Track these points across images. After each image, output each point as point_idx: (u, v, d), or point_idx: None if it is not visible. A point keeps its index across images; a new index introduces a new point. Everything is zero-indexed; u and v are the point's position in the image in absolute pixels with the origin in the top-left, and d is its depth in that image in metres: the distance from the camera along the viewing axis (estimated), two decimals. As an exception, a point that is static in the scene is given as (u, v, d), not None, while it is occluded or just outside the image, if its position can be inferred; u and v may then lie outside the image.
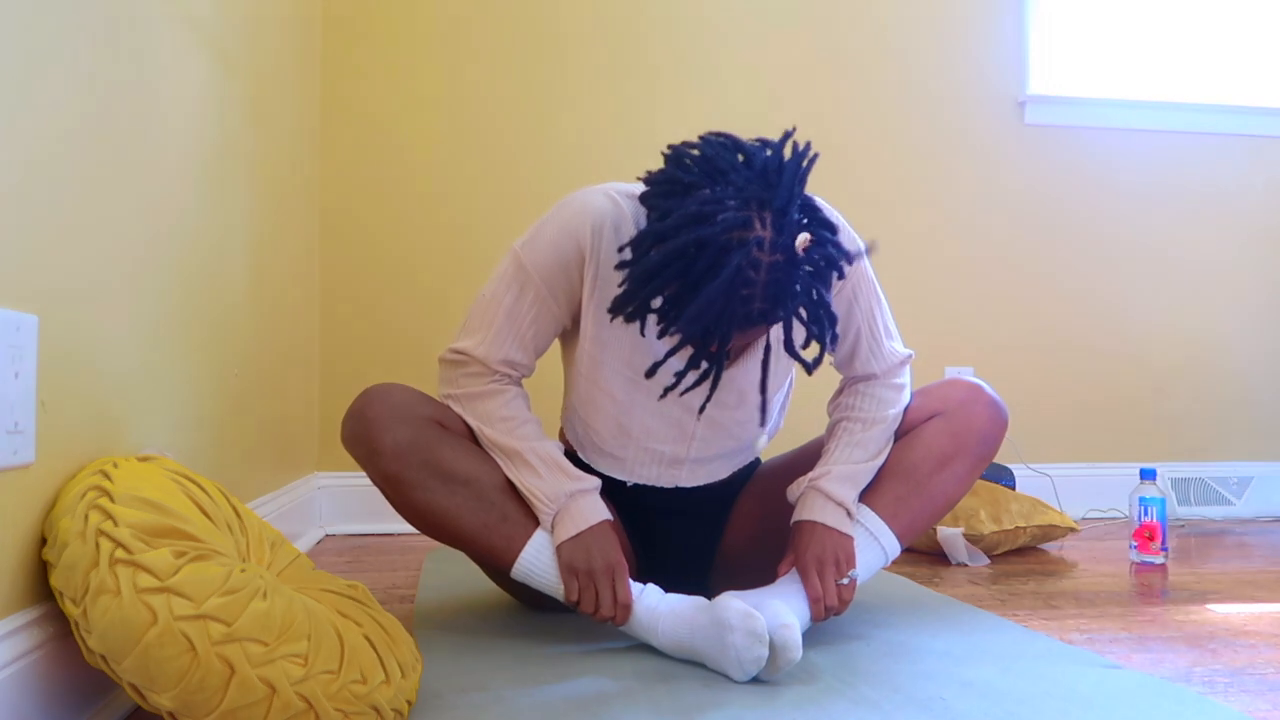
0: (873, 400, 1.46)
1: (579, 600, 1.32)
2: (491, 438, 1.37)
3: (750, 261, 1.09)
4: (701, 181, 1.16)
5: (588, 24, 2.59)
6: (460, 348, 1.40)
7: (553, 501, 1.34)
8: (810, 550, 1.36)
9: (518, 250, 1.37)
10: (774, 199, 1.12)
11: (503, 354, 1.38)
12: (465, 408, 1.39)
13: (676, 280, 1.12)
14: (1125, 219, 2.79)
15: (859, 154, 2.69)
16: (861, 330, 1.45)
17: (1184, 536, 2.42)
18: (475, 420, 1.38)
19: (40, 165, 0.93)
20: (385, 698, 0.97)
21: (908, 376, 1.50)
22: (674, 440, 1.45)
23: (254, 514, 1.17)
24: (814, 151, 1.19)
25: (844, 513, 1.39)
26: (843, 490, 1.39)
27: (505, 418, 1.38)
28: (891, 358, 1.48)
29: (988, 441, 1.45)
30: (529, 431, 1.38)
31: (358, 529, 2.40)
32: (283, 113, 2.04)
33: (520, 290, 1.37)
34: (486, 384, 1.39)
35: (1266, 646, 1.38)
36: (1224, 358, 2.83)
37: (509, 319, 1.38)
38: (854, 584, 1.37)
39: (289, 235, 2.09)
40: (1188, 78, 2.86)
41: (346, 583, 1.18)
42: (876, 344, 1.46)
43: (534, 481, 1.35)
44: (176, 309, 1.34)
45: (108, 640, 0.86)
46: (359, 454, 1.35)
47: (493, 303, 1.38)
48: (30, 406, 0.90)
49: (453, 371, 1.41)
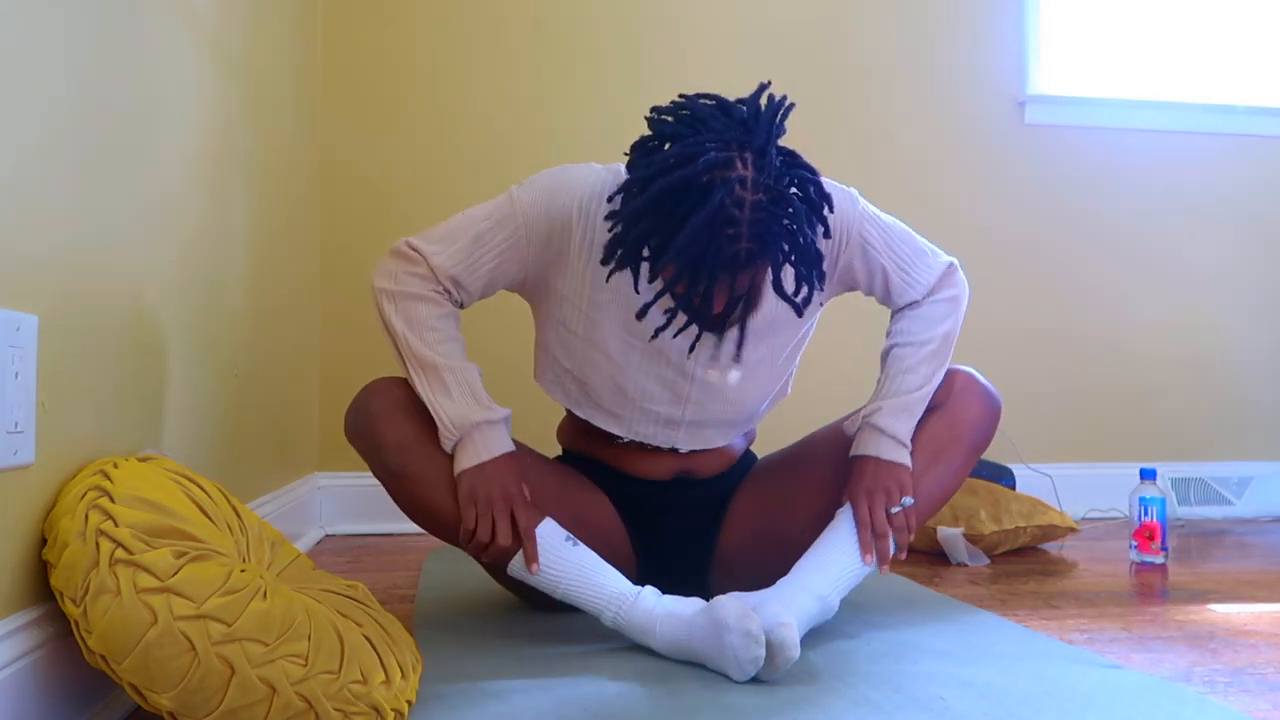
0: (920, 320, 1.46)
1: (475, 530, 1.31)
2: (414, 347, 1.34)
3: (733, 199, 1.13)
4: (682, 131, 1.19)
5: (589, 25, 2.59)
6: (417, 245, 1.37)
7: (457, 428, 1.33)
8: (862, 484, 1.38)
9: (513, 190, 1.38)
10: (753, 140, 1.16)
11: (455, 271, 1.36)
12: (397, 306, 1.36)
13: (663, 220, 1.15)
14: (1125, 219, 2.79)
15: (859, 154, 2.69)
16: (886, 268, 1.44)
17: (1184, 536, 2.42)
18: (402, 323, 1.35)
19: (40, 165, 0.93)
20: (385, 698, 0.97)
21: (958, 285, 1.48)
22: (669, 402, 1.45)
23: (254, 514, 1.17)
24: (790, 101, 1.23)
25: (898, 445, 1.40)
26: (896, 423, 1.40)
27: (434, 328, 1.36)
28: (928, 277, 1.46)
29: (981, 431, 1.46)
30: (452, 350, 1.36)
31: (358, 529, 2.40)
32: (283, 113, 2.04)
33: (498, 223, 1.36)
34: (428, 289, 1.36)
35: (1266, 646, 1.38)
36: (1224, 358, 2.83)
37: (476, 243, 1.36)
38: (910, 513, 1.38)
39: (289, 235, 2.09)
40: (1188, 78, 2.86)
41: (346, 583, 1.18)
42: (906, 273, 1.45)
43: (444, 402, 1.33)
44: (177, 309, 1.34)
45: (108, 640, 0.86)
46: (363, 448, 1.36)
47: (467, 223, 1.38)
48: (30, 406, 0.90)
49: (397, 265, 1.37)
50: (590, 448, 1.56)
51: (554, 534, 1.34)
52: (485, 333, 2.47)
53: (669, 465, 1.53)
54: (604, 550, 1.45)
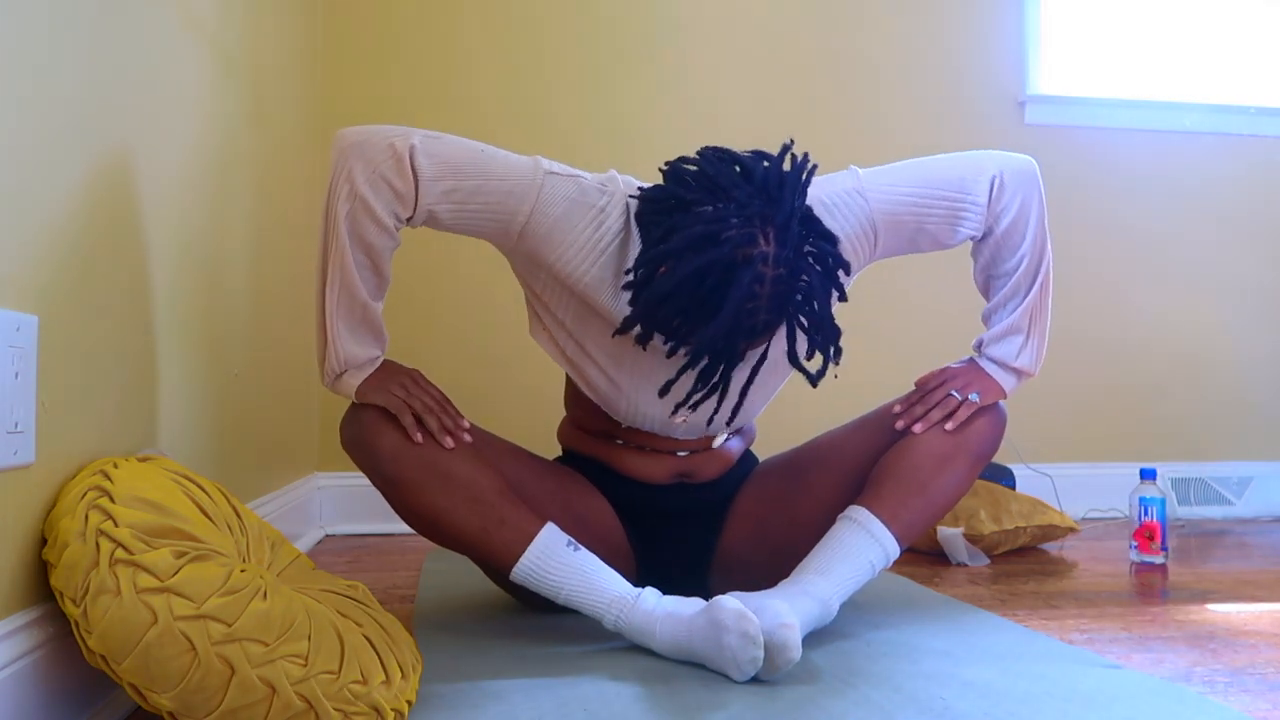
0: (995, 247, 1.47)
1: (416, 416, 1.33)
2: (345, 262, 1.28)
3: (756, 277, 1.11)
4: (703, 199, 1.17)
5: (591, 25, 2.59)
6: (419, 167, 1.25)
7: (348, 363, 1.34)
8: (946, 372, 1.46)
9: (543, 174, 1.31)
10: (776, 214, 1.14)
11: (439, 210, 1.29)
12: (355, 214, 1.26)
13: (689, 303, 1.13)
14: (1125, 219, 2.79)
15: (858, 154, 2.68)
16: (919, 222, 1.42)
17: (1184, 536, 2.42)
18: (347, 232, 1.26)
19: (40, 166, 0.93)
20: (385, 698, 0.97)
21: (1005, 192, 1.43)
22: (662, 407, 1.44)
23: (254, 514, 1.17)
24: (812, 163, 1.21)
25: (1000, 367, 1.47)
26: (999, 349, 1.48)
27: (375, 255, 1.30)
28: (975, 213, 1.42)
29: (987, 442, 1.45)
30: (372, 283, 1.33)
31: (358, 529, 2.40)
32: (283, 113, 2.04)
33: (509, 193, 1.29)
34: (392, 221, 1.28)
35: (1266, 646, 1.38)
36: (1224, 357, 2.83)
37: (475, 194, 1.28)
38: (974, 406, 1.43)
39: (289, 235, 2.09)
40: (1188, 78, 2.86)
41: (346, 583, 1.18)
42: (944, 214, 1.42)
43: (343, 332, 1.32)
44: (177, 309, 1.34)
45: (108, 640, 0.86)
46: (358, 456, 1.35)
47: (481, 168, 1.29)
48: (30, 406, 0.90)
49: (385, 169, 1.25)
50: (590, 448, 1.56)
51: (555, 540, 1.34)
52: (481, 332, 2.47)
53: (668, 468, 1.52)
54: (604, 551, 1.45)
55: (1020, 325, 1.47)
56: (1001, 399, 1.48)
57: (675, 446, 1.51)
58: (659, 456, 1.51)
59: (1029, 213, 1.45)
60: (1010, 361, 1.48)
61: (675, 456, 1.52)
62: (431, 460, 1.33)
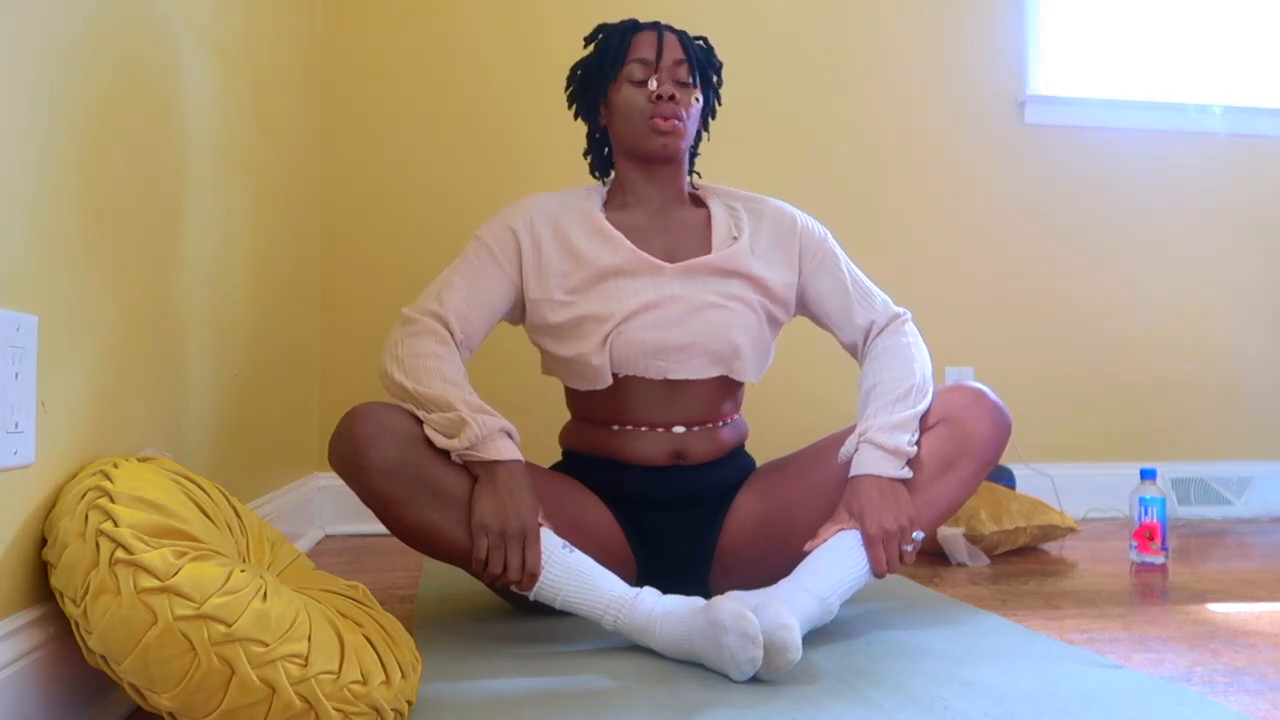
0: (892, 357, 1.51)
1: (486, 561, 1.32)
2: (421, 382, 1.37)
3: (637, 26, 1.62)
4: None
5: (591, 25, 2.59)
6: (410, 311, 1.47)
7: (469, 443, 1.34)
8: (870, 515, 1.38)
9: (478, 231, 1.56)
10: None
11: (458, 306, 1.47)
12: (403, 349, 1.41)
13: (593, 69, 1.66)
14: (1125, 219, 2.79)
15: (859, 154, 2.69)
16: (843, 279, 1.58)
17: (1184, 536, 2.42)
18: (401, 372, 1.39)
19: (40, 166, 0.93)
20: (385, 698, 0.97)
21: (915, 334, 1.56)
22: (654, 289, 1.49)
23: (254, 514, 1.17)
24: None
25: (895, 460, 1.42)
26: (892, 438, 1.42)
27: (434, 354, 1.41)
28: (886, 309, 1.58)
29: (990, 447, 1.45)
30: (449, 371, 1.40)
31: (358, 529, 2.40)
32: (283, 113, 2.04)
33: (474, 254, 1.53)
34: (431, 329, 1.44)
35: (1266, 646, 1.38)
36: (1224, 357, 2.83)
37: (463, 277, 1.50)
38: (918, 545, 1.41)
39: (289, 235, 2.09)
40: (1188, 78, 2.86)
41: (346, 583, 1.18)
42: (864, 291, 1.59)
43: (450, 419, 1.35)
44: (177, 309, 1.34)
45: (108, 640, 0.86)
46: (347, 472, 1.34)
47: (449, 271, 1.53)
48: (30, 406, 0.90)
49: (398, 333, 1.45)
50: (591, 441, 1.56)
51: (550, 543, 1.34)
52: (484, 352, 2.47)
53: (665, 447, 1.52)
54: (603, 555, 1.44)
55: (910, 426, 1.45)
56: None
57: (671, 421, 1.52)
58: (656, 435, 1.52)
59: (924, 352, 1.56)
60: (903, 451, 1.43)
61: (671, 433, 1.52)
62: (421, 476, 1.33)
